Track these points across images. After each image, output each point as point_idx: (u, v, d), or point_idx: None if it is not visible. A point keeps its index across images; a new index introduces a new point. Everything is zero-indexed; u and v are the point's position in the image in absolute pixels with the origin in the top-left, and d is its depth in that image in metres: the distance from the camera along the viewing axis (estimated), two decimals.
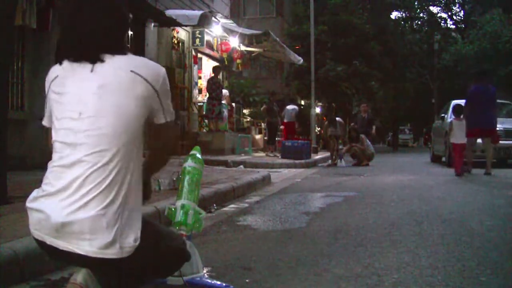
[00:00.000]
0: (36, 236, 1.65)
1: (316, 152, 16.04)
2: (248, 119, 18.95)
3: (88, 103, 1.65)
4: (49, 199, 1.61)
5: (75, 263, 1.74)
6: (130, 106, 1.65)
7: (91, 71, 1.68)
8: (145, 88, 1.68)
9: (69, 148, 1.63)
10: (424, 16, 36.27)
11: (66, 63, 1.73)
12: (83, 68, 1.69)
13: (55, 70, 1.75)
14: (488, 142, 9.02)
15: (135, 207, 1.68)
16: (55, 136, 1.70)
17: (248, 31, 14.08)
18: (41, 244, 1.65)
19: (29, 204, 1.66)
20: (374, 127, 14.59)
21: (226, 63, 15.35)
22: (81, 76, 1.69)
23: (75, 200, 1.57)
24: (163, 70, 1.78)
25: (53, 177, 1.63)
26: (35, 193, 1.67)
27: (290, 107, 15.65)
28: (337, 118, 13.17)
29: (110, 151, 1.61)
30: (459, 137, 8.62)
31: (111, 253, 1.57)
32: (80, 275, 1.70)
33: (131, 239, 1.61)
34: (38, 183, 1.71)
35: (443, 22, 36.61)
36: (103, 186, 1.58)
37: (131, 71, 1.67)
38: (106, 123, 1.62)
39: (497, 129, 9.45)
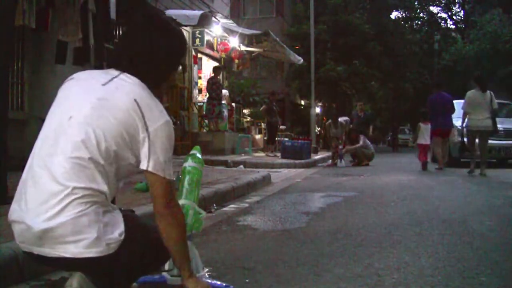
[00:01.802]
0: (23, 248, 1.65)
1: (316, 152, 16.05)
2: (248, 119, 18.94)
3: (81, 109, 1.66)
4: (27, 208, 1.60)
5: (65, 268, 1.74)
6: (115, 128, 1.64)
7: (103, 84, 1.72)
8: (137, 121, 1.66)
9: (50, 148, 1.64)
10: (424, 16, 36.29)
11: (89, 71, 1.82)
12: (98, 80, 1.74)
13: (75, 74, 1.82)
14: (445, 141, 10.21)
15: (114, 206, 1.70)
16: (42, 130, 1.71)
17: (248, 31, 14.07)
18: (30, 255, 1.65)
19: (10, 217, 1.66)
20: (371, 128, 14.58)
21: (225, 63, 15.35)
22: (91, 85, 1.73)
23: (53, 205, 1.56)
24: (167, 120, 1.73)
25: (33, 180, 1.63)
26: (15, 205, 1.66)
27: (342, 119, 17.10)
28: (339, 119, 13.11)
29: (88, 160, 1.60)
30: (423, 138, 10.31)
31: (98, 251, 1.57)
32: (75, 280, 1.70)
33: (116, 234, 1.61)
34: None
35: (443, 22, 36.67)
36: (81, 193, 1.57)
37: (135, 100, 1.68)
38: (90, 133, 1.62)
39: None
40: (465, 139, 9.43)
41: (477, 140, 8.97)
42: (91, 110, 1.65)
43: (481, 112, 8.55)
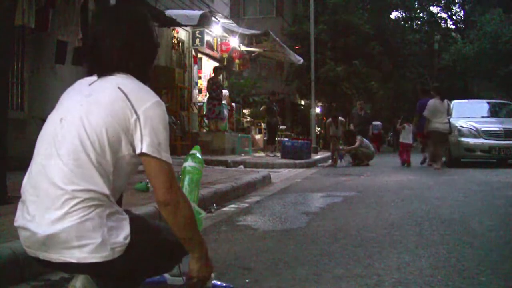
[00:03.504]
0: (29, 253, 1.65)
1: (316, 152, 16.05)
2: (248, 119, 18.95)
3: (70, 110, 1.67)
4: (30, 215, 1.60)
5: (72, 272, 1.74)
6: (105, 120, 1.62)
7: (90, 84, 1.72)
8: (124, 107, 1.63)
9: (46, 152, 1.64)
10: (424, 16, 36.27)
11: (86, 78, 1.79)
12: (86, 82, 1.75)
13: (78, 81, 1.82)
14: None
15: (119, 208, 1.68)
16: (39, 136, 1.71)
17: (248, 31, 14.08)
18: (36, 259, 1.65)
19: (15, 223, 1.67)
20: (371, 127, 14.65)
21: (225, 63, 15.36)
22: (80, 87, 1.75)
23: (56, 210, 1.55)
24: (156, 100, 1.68)
25: (32, 187, 1.63)
26: (19, 212, 1.66)
27: (375, 122, 22.64)
28: (339, 118, 13.14)
29: (84, 160, 1.59)
30: (406, 138, 11.91)
31: (103, 256, 1.56)
32: (79, 281, 1.70)
33: (121, 238, 1.60)
34: None
35: (443, 22, 36.63)
36: (82, 196, 1.56)
37: (118, 87, 1.66)
38: (81, 131, 1.61)
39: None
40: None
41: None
42: (79, 108, 1.65)
43: (440, 117, 10.28)
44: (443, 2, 35.43)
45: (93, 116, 1.62)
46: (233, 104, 16.30)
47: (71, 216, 1.54)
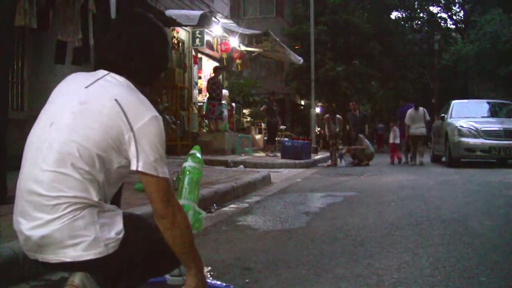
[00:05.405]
0: (29, 256, 1.67)
1: (316, 152, 16.05)
2: (248, 119, 18.94)
3: (62, 116, 1.64)
4: (23, 219, 1.61)
5: (70, 271, 1.75)
6: (96, 132, 1.60)
7: (86, 87, 1.68)
8: (119, 122, 1.61)
9: (34, 159, 1.63)
10: (424, 16, 36.29)
11: (81, 73, 1.78)
12: (83, 82, 1.71)
13: (70, 75, 1.79)
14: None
15: (111, 206, 1.69)
16: (29, 135, 1.70)
17: (248, 31, 14.07)
18: (36, 262, 1.66)
19: (14, 227, 1.68)
20: (367, 126, 14.72)
21: (225, 63, 15.36)
22: (75, 88, 1.70)
23: (46, 214, 1.56)
24: (153, 115, 1.65)
25: (23, 192, 1.63)
26: (14, 216, 1.68)
27: (379, 125, 25.57)
28: (337, 116, 13.22)
29: (71, 170, 1.58)
30: (394, 138, 13.51)
31: (97, 252, 1.57)
32: (77, 277, 1.71)
33: (113, 233, 1.60)
34: None
35: (443, 22, 36.64)
36: (71, 201, 1.56)
37: (115, 99, 1.63)
38: (70, 141, 1.59)
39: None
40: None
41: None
42: (71, 116, 1.62)
43: (417, 124, 12.43)
44: (443, 2, 35.43)
45: (85, 127, 1.61)
46: (233, 104, 16.29)
47: (62, 218, 1.55)
